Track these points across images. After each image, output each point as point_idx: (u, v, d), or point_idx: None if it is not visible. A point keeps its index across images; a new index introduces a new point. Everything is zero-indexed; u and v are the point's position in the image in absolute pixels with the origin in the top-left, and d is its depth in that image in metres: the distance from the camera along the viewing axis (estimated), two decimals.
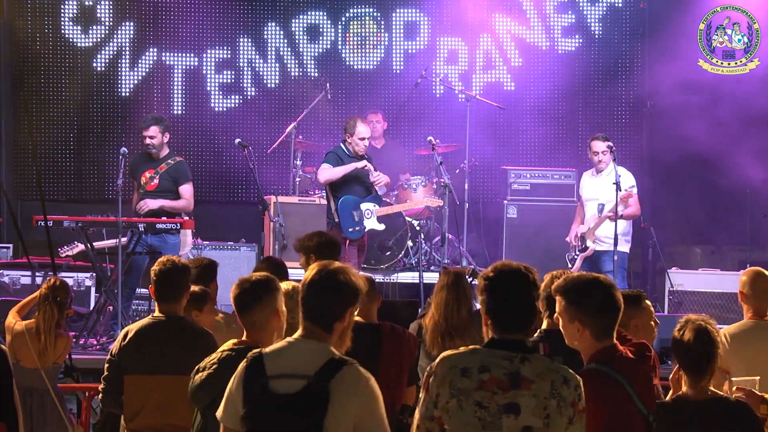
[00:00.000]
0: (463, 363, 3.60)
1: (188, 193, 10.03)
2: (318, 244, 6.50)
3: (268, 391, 3.62)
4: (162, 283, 5.38)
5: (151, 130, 9.97)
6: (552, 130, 12.63)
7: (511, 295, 3.67)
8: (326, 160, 10.05)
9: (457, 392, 3.56)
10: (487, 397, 3.55)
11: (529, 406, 3.55)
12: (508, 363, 3.59)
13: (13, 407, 4.32)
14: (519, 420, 3.54)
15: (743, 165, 11.66)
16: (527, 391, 3.56)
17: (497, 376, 3.56)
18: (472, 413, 3.54)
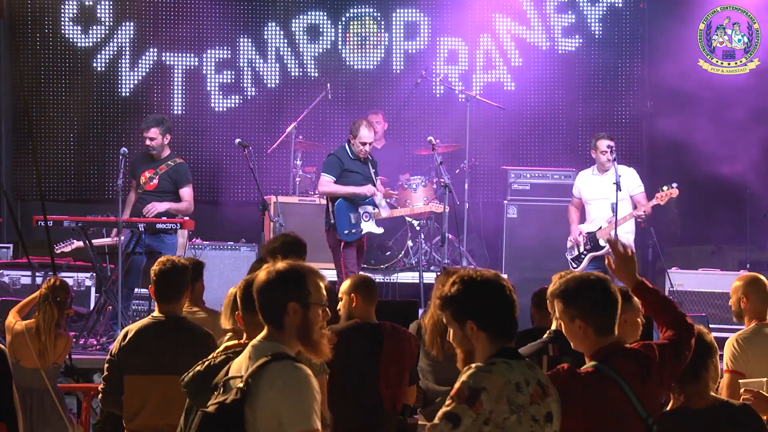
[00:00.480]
0: (513, 378, 3.55)
1: (189, 196, 10.04)
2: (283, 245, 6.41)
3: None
4: (162, 283, 5.39)
5: (151, 132, 9.97)
6: (552, 130, 12.64)
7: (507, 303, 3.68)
8: (326, 169, 9.94)
9: (516, 408, 3.52)
10: (537, 410, 3.56)
11: (556, 411, 3.60)
12: (532, 372, 3.61)
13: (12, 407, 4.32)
14: (553, 426, 3.59)
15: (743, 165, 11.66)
16: (551, 397, 3.60)
17: (536, 388, 3.58)
18: (528, 427, 3.53)
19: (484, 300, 3.67)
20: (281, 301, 3.62)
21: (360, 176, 9.98)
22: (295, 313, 3.61)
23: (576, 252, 10.38)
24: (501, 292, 3.68)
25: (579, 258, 10.33)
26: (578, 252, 10.35)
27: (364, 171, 10.02)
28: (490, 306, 3.66)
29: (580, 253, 10.33)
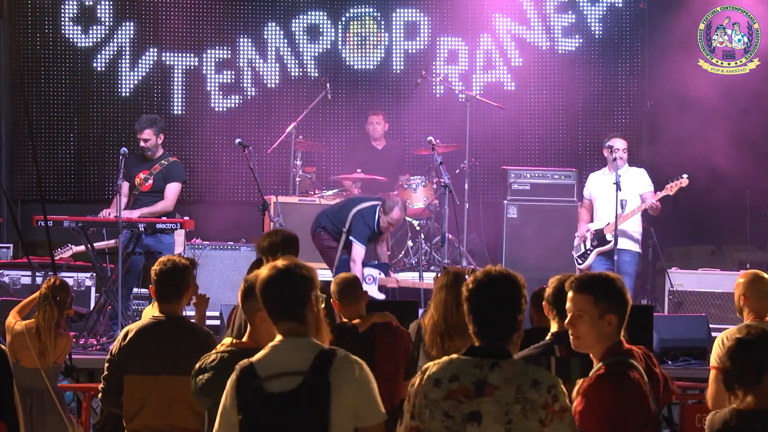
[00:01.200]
0: (437, 374, 3.63)
1: (171, 193, 9.99)
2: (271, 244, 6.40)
3: (263, 391, 3.62)
4: (162, 282, 5.38)
5: (145, 133, 9.97)
6: (552, 130, 12.64)
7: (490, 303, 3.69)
8: (361, 238, 10.00)
9: (429, 402, 3.61)
10: (453, 407, 3.58)
11: (491, 413, 3.55)
12: (478, 371, 3.61)
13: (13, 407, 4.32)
14: (481, 428, 3.55)
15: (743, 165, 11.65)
16: (490, 398, 3.56)
17: (465, 385, 3.59)
18: (440, 422, 3.58)
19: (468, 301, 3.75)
20: (304, 295, 3.72)
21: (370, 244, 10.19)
22: (313, 306, 3.74)
23: (582, 249, 10.36)
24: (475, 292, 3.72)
25: (585, 255, 10.31)
26: (584, 249, 10.33)
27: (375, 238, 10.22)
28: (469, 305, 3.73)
29: (586, 249, 10.31)
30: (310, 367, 3.61)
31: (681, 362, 8.96)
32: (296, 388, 3.60)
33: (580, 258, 10.35)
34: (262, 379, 3.63)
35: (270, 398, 3.61)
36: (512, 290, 3.70)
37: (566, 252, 10.78)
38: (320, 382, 3.59)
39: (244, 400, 3.64)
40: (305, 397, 3.59)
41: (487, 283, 3.70)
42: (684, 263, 11.49)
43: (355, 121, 12.42)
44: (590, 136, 12.51)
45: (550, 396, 3.59)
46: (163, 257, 5.54)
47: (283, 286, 3.72)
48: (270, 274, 3.74)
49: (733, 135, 11.93)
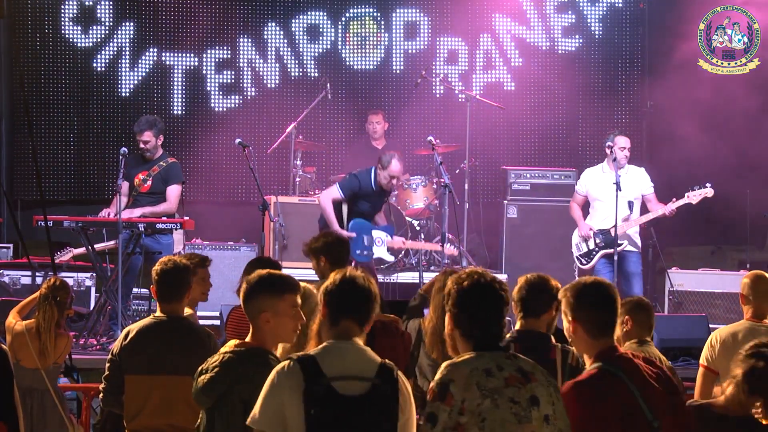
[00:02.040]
0: (482, 364, 3.62)
1: (173, 195, 9.98)
2: (325, 245, 6.50)
3: (334, 391, 3.67)
4: (163, 282, 5.38)
5: (145, 135, 9.97)
6: (552, 130, 12.64)
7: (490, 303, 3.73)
8: (341, 183, 9.89)
9: (489, 392, 3.57)
10: (516, 393, 3.60)
11: (543, 395, 3.63)
12: (510, 361, 3.66)
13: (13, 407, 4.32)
14: (540, 410, 3.61)
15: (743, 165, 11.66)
16: (536, 382, 3.64)
17: (513, 374, 3.62)
18: (507, 409, 3.57)
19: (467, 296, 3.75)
20: (375, 307, 3.87)
21: (372, 206, 9.97)
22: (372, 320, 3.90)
23: (585, 248, 10.27)
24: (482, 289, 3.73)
25: (589, 254, 10.23)
26: (588, 248, 10.26)
27: (378, 202, 10.02)
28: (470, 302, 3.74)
29: (590, 249, 10.24)
30: (376, 375, 3.72)
31: (681, 362, 8.95)
32: (368, 393, 3.69)
33: (584, 258, 10.26)
34: (329, 378, 3.68)
35: (340, 399, 3.67)
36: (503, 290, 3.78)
37: (566, 252, 10.78)
38: (392, 392, 3.72)
39: (313, 395, 3.67)
40: (378, 403, 3.70)
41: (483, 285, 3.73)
42: (684, 263, 11.49)
43: (355, 121, 12.43)
44: (590, 136, 12.51)
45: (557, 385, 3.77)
46: (164, 257, 5.55)
47: (363, 288, 3.84)
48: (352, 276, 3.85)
49: (733, 135, 11.94)
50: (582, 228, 10.29)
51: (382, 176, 9.79)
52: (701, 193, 9.97)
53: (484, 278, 3.75)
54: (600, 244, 10.14)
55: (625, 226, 10.01)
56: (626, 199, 10.02)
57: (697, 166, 11.48)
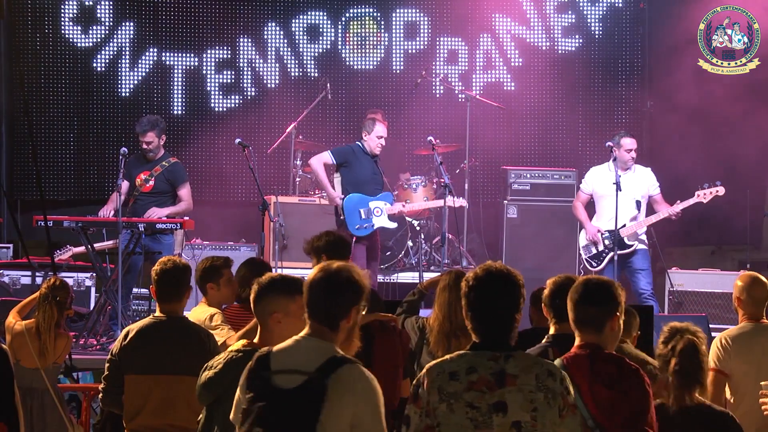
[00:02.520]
0: (450, 367, 3.62)
1: (187, 195, 10.05)
2: (327, 243, 6.52)
3: (270, 384, 3.66)
4: (163, 282, 5.39)
5: (148, 136, 9.97)
6: (552, 130, 12.63)
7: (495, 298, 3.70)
8: (332, 150, 10.08)
9: (446, 396, 3.58)
10: (477, 397, 3.57)
11: (516, 401, 3.57)
12: (494, 363, 3.62)
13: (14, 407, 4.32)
14: (507, 417, 3.56)
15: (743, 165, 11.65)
16: (512, 387, 3.58)
17: (485, 376, 3.58)
18: (463, 415, 3.56)
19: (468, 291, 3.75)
20: (347, 307, 3.73)
21: (367, 170, 10.02)
22: (353, 317, 3.75)
23: (594, 250, 10.19)
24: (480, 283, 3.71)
25: (599, 256, 10.17)
26: (597, 250, 10.18)
27: (373, 167, 10.07)
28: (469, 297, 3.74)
29: (600, 251, 10.18)
30: (317, 368, 3.64)
31: None
32: (296, 387, 3.63)
33: (594, 260, 10.16)
34: (272, 372, 3.67)
35: (274, 392, 3.65)
36: (514, 286, 3.73)
37: (566, 252, 10.78)
38: (318, 386, 3.61)
39: (254, 388, 3.69)
40: (300, 397, 3.62)
41: (490, 279, 3.70)
42: (684, 263, 11.48)
43: (355, 121, 12.41)
44: (590, 136, 12.50)
45: (563, 387, 3.64)
46: (164, 257, 5.55)
47: (329, 293, 3.73)
48: (322, 276, 3.76)
49: (733, 135, 11.93)
50: (590, 230, 10.20)
51: (371, 140, 9.92)
52: (712, 191, 9.94)
53: (493, 273, 3.71)
54: (609, 246, 10.08)
55: (634, 226, 9.99)
56: (634, 198, 10.02)
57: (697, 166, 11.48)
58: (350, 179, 9.99)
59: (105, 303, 9.39)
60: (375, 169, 10.07)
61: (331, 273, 3.74)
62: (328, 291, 3.72)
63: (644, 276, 10.02)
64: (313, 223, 10.52)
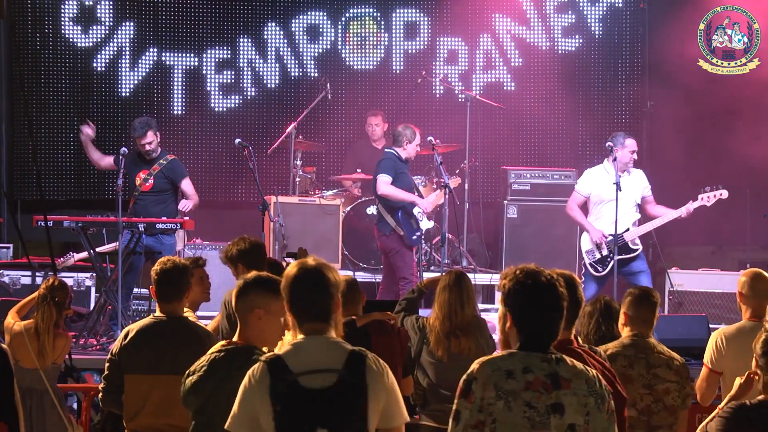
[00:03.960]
0: (506, 365, 3.60)
1: (191, 188, 10.14)
2: (239, 252, 6.47)
3: (299, 386, 3.65)
4: (163, 282, 5.39)
5: (148, 137, 9.98)
6: (552, 130, 12.63)
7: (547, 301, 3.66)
8: (384, 170, 10.10)
9: (504, 393, 3.56)
10: (534, 397, 3.56)
11: (572, 404, 3.58)
12: (547, 364, 3.62)
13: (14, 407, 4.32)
14: (564, 419, 3.57)
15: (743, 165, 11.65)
16: (567, 390, 3.59)
17: (540, 377, 3.58)
18: (521, 413, 3.55)
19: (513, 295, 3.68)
20: (335, 298, 3.78)
21: (406, 177, 10.27)
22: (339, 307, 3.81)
23: (598, 255, 10.02)
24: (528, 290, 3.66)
25: (604, 261, 10.00)
26: (601, 255, 10.02)
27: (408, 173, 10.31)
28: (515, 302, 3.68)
29: (604, 256, 10.00)
30: (344, 365, 3.68)
31: None
32: (334, 385, 3.66)
33: (599, 265, 10.00)
34: (296, 374, 3.66)
35: (306, 393, 3.65)
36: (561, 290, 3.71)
37: (566, 252, 10.78)
38: (358, 381, 3.67)
39: (279, 393, 3.66)
40: (344, 394, 3.66)
41: (538, 283, 3.67)
42: (684, 263, 11.48)
43: (355, 121, 12.42)
44: (590, 136, 12.50)
45: (607, 393, 3.68)
46: (163, 257, 5.56)
47: (317, 287, 3.76)
48: (303, 275, 3.77)
49: (733, 135, 11.93)
50: (594, 234, 9.99)
51: (411, 148, 10.15)
52: (715, 194, 9.89)
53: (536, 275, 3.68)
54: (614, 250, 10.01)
55: (640, 230, 9.96)
56: (634, 201, 9.98)
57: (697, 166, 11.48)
58: (401, 189, 10.16)
59: (105, 303, 9.39)
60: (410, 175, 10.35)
61: (311, 269, 3.77)
62: (316, 286, 3.76)
63: (645, 277, 10.01)
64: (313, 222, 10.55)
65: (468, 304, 6.24)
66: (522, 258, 11.10)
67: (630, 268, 9.97)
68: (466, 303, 6.23)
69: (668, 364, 5.33)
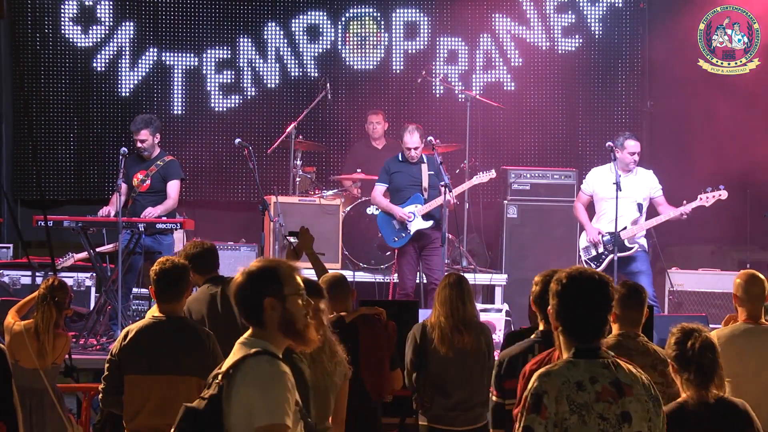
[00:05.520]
0: (574, 377, 3.52)
1: (173, 190, 10.00)
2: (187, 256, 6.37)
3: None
4: (162, 282, 5.39)
5: (142, 134, 9.99)
6: (552, 130, 12.63)
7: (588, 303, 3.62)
8: (379, 177, 10.46)
9: (577, 407, 3.49)
10: (606, 408, 3.51)
11: (637, 411, 3.55)
12: (608, 371, 3.56)
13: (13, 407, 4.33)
14: (632, 427, 3.53)
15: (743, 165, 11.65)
16: (631, 396, 3.55)
17: (607, 387, 3.53)
18: (595, 426, 3.49)
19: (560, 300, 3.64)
20: (257, 299, 3.66)
21: (404, 175, 10.31)
22: (273, 309, 3.65)
23: (594, 252, 10.14)
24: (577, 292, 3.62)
25: (599, 258, 10.12)
26: (597, 252, 10.14)
27: (412, 172, 10.29)
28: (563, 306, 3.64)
29: (599, 253, 10.12)
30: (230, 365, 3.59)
31: None
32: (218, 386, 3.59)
33: (593, 262, 10.11)
34: None
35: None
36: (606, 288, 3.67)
37: (566, 252, 10.77)
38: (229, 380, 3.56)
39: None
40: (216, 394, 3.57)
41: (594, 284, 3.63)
42: (684, 263, 11.48)
43: (355, 121, 12.42)
44: (590, 136, 12.50)
45: (659, 397, 3.65)
46: (162, 258, 5.56)
47: (236, 292, 3.74)
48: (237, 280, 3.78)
49: (733, 135, 11.93)
50: (590, 232, 10.13)
51: (404, 150, 10.25)
52: (715, 195, 9.88)
53: (585, 275, 3.64)
54: (609, 248, 10.05)
55: (635, 229, 9.96)
56: (635, 201, 9.98)
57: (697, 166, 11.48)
58: (395, 187, 10.39)
59: (105, 303, 9.39)
60: (414, 173, 10.29)
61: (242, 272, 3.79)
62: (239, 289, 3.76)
63: (644, 279, 10.00)
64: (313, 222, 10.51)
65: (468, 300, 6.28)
66: (522, 258, 11.19)
67: (630, 268, 9.97)
68: (467, 299, 6.28)
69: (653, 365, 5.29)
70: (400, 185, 10.31)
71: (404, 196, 10.30)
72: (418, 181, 10.30)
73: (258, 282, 3.69)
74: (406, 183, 10.29)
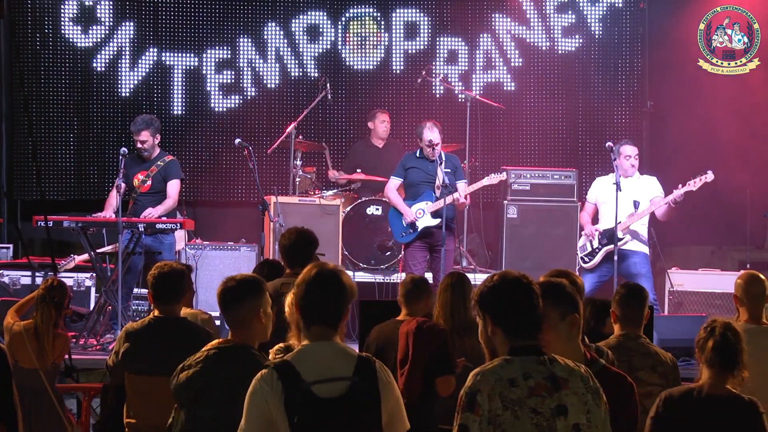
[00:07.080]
0: (507, 374, 3.57)
1: (173, 190, 9.99)
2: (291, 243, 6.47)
3: (313, 396, 3.62)
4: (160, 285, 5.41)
5: (142, 135, 9.98)
6: (552, 130, 12.63)
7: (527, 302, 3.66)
8: (395, 172, 10.41)
9: (510, 403, 3.53)
10: (539, 403, 3.55)
11: (574, 404, 3.58)
12: (543, 367, 3.61)
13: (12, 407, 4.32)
14: (569, 420, 3.57)
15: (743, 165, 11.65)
16: (567, 390, 3.59)
17: (541, 381, 3.57)
18: (528, 421, 3.53)
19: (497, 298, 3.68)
20: (346, 305, 3.78)
21: (419, 171, 10.24)
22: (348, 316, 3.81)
23: (589, 248, 10.26)
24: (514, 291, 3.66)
25: (593, 253, 10.21)
26: (591, 248, 10.24)
27: (428, 169, 10.24)
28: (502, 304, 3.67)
29: (593, 248, 10.22)
30: (354, 372, 3.67)
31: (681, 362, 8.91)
32: (345, 393, 3.64)
33: (587, 257, 10.24)
34: (309, 383, 3.63)
35: (321, 403, 3.63)
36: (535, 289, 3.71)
37: (566, 252, 10.77)
38: (369, 388, 3.66)
39: (294, 403, 3.63)
40: (356, 402, 3.64)
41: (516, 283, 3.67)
42: (684, 263, 11.48)
43: (355, 121, 12.43)
44: (590, 136, 12.51)
45: (599, 389, 3.68)
46: (160, 262, 5.58)
47: (330, 292, 3.74)
48: (318, 277, 3.75)
49: (733, 135, 11.94)
50: (586, 228, 10.32)
51: (423, 147, 10.21)
52: (702, 178, 9.93)
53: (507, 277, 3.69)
54: (603, 242, 10.13)
55: (628, 221, 9.99)
56: (631, 198, 10.00)
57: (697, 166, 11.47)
58: (410, 183, 10.34)
59: (105, 303, 9.39)
60: (429, 169, 10.24)
61: (326, 273, 3.76)
62: (330, 290, 3.75)
63: (644, 281, 9.99)
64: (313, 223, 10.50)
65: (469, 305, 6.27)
66: (522, 258, 11.19)
67: (630, 269, 9.97)
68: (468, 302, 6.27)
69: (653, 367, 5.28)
70: (413, 181, 10.28)
71: (417, 192, 10.26)
72: (432, 179, 10.28)
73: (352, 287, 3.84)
74: (420, 179, 10.27)
